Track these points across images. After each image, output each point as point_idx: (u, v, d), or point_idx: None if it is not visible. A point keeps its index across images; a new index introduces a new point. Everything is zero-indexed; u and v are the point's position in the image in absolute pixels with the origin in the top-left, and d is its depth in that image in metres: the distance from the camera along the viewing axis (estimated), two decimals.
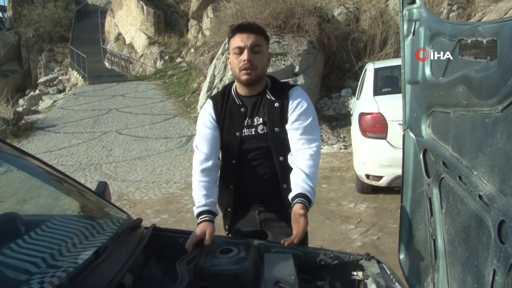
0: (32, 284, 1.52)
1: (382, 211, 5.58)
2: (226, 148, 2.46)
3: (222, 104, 2.46)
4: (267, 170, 2.42)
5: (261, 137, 2.38)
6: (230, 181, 2.47)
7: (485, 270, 1.39)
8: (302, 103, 2.39)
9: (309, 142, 2.34)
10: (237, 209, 2.54)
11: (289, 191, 2.28)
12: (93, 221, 2.15)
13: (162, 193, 7.27)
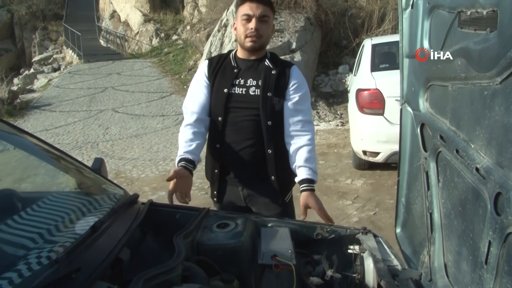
0: (30, 259, 1.52)
1: (379, 187, 5.60)
2: (214, 105, 2.49)
3: (217, 63, 2.54)
4: (252, 133, 2.45)
5: (251, 99, 2.42)
6: (217, 140, 2.49)
7: (481, 242, 1.40)
8: (303, 85, 2.49)
9: (308, 125, 2.45)
10: (223, 177, 2.58)
11: (274, 158, 2.42)
12: (89, 197, 2.14)
13: (159, 170, 7.28)
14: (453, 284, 1.64)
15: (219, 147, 2.49)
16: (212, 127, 2.51)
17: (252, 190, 2.55)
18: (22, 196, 2.15)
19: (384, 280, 1.73)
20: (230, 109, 2.44)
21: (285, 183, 2.55)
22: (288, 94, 2.45)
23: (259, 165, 2.47)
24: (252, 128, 2.44)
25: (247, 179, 2.54)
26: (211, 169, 2.61)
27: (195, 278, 1.69)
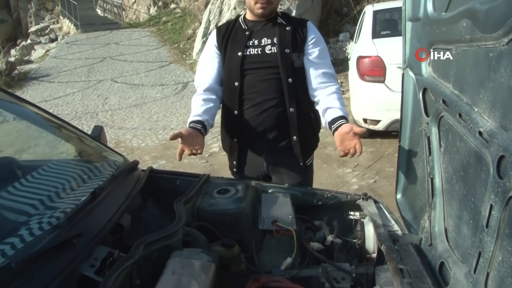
0: (31, 224, 1.52)
1: (379, 155, 5.60)
2: (228, 71, 2.41)
3: (226, 30, 2.47)
4: (273, 94, 2.37)
5: (268, 57, 2.35)
6: (234, 106, 2.41)
7: (482, 206, 1.39)
8: (321, 39, 2.43)
9: (333, 77, 2.40)
10: (243, 145, 2.51)
11: (297, 117, 2.35)
12: (89, 164, 2.14)
13: (159, 139, 7.28)
14: (453, 248, 1.65)
15: (237, 114, 2.40)
16: (228, 94, 2.43)
17: (276, 157, 2.48)
18: (22, 164, 2.14)
19: (385, 245, 1.74)
20: (246, 72, 2.37)
21: (308, 144, 2.50)
22: (307, 49, 2.38)
23: (282, 127, 2.40)
24: (273, 88, 2.36)
25: (270, 145, 2.46)
26: (229, 139, 2.53)
27: (196, 243, 1.70)
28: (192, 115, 2.34)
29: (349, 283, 1.89)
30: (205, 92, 2.41)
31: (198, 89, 2.46)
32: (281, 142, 2.44)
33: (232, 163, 2.57)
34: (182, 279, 1.39)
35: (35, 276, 1.29)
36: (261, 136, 2.44)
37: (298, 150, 2.43)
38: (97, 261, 1.47)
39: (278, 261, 2.00)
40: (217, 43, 2.45)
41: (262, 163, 2.50)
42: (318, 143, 2.63)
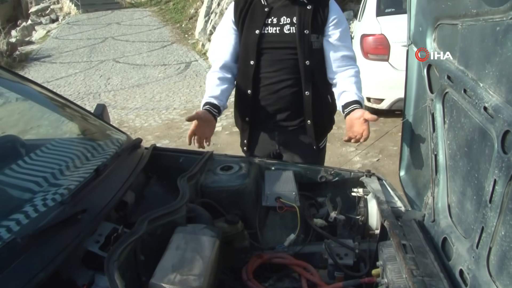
0: (36, 201, 1.53)
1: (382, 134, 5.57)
2: (244, 48, 2.35)
3: (245, 5, 2.38)
4: (288, 78, 2.33)
5: (286, 38, 2.28)
6: (248, 86, 2.36)
7: (486, 182, 1.39)
8: (343, 20, 2.35)
9: (352, 60, 2.34)
10: (255, 124, 2.48)
11: (312, 101, 2.31)
12: (92, 141, 2.13)
13: (162, 119, 7.28)
14: (456, 224, 1.65)
15: (251, 93, 2.36)
16: (243, 72, 2.38)
17: (288, 136, 2.45)
18: (25, 143, 2.14)
19: (388, 221, 1.74)
20: (263, 51, 2.30)
21: (322, 128, 2.47)
22: (327, 30, 2.30)
23: (296, 109, 2.37)
24: (289, 69, 2.31)
25: (283, 124, 2.43)
26: (241, 117, 2.49)
27: (199, 219, 1.71)
28: (207, 95, 2.31)
29: (352, 259, 1.90)
30: (221, 71, 2.37)
31: (214, 65, 2.42)
32: (294, 122, 2.41)
33: (243, 141, 2.55)
34: (186, 254, 1.40)
35: (40, 251, 1.30)
36: (273, 116, 2.40)
37: (312, 134, 2.41)
38: (101, 237, 1.48)
39: (281, 238, 2.02)
40: (234, 18, 2.38)
41: (274, 142, 2.48)
42: (333, 125, 2.61)
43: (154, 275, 1.32)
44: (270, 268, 1.97)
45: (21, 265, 1.24)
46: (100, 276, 1.38)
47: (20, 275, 1.21)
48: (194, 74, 10.23)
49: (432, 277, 1.47)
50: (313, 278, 1.82)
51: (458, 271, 1.49)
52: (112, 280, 1.20)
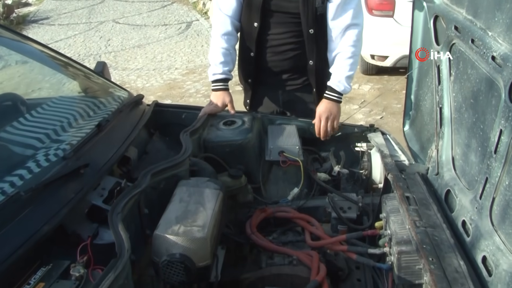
0: (38, 157, 1.53)
1: (386, 92, 5.54)
2: (248, 8, 2.25)
3: None
4: (292, 41, 2.27)
5: (291, 2, 2.18)
6: (251, 47, 2.31)
7: (491, 133, 1.37)
8: None
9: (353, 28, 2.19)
10: (258, 84, 2.45)
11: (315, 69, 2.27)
12: (94, 98, 2.11)
13: (164, 79, 7.23)
14: (460, 176, 1.65)
15: (254, 55, 2.31)
16: (246, 34, 2.30)
17: (292, 95, 2.42)
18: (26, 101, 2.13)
19: (391, 174, 1.74)
20: (267, 13, 2.22)
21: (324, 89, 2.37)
22: None
23: (300, 69, 2.33)
24: (293, 33, 2.24)
25: (286, 84, 2.39)
26: (244, 78, 2.46)
27: (203, 173, 1.71)
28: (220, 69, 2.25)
29: (356, 213, 1.91)
30: (229, 37, 2.28)
31: (220, 22, 2.29)
32: (297, 81, 2.38)
33: (246, 100, 2.53)
34: (190, 206, 1.41)
35: (44, 205, 1.30)
36: (277, 76, 2.37)
37: (316, 100, 2.35)
38: (104, 191, 1.49)
39: (285, 192, 2.03)
40: None
41: (278, 100, 2.45)
42: None
43: (158, 227, 1.33)
44: (274, 222, 1.99)
45: (26, 218, 1.25)
46: (104, 229, 1.39)
47: (25, 228, 1.22)
48: (196, 34, 10.07)
49: (434, 228, 1.47)
50: (317, 231, 1.84)
51: (460, 222, 1.50)
52: (116, 232, 1.21)
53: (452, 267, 1.32)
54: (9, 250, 1.13)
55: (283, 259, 1.72)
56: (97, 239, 1.37)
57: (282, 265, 1.69)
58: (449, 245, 1.41)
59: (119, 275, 1.09)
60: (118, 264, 1.10)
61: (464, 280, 1.27)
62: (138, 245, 1.44)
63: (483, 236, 1.34)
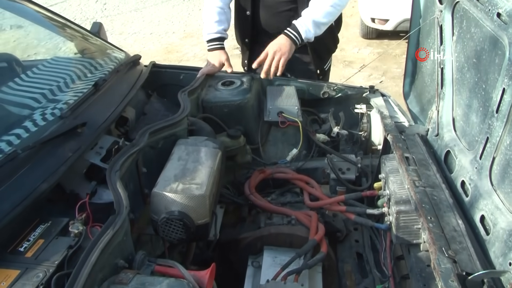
0: (35, 116, 1.51)
1: (386, 56, 5.47)
2: None
3: None
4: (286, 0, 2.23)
5: None
6: (246, 7, 2.29)
7: (493, 92, 1.36)
8: None
9: None
10: (255, 44, 2.41)
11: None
12: (90, 59, 2.08)
13: (161, 43, 7.14)
14: (460, 137, 1.64)
15: (249, 15, 2.29)
16: None
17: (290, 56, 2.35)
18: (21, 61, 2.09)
19: (391, 135, 1.73)
20: None
21: (322, 51, 2.41)
22: None
23: None
24: None
25: None
26: (241, 38, 2.45)
27: (201, 132, 1.69)
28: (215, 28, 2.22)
29: (354, 174, 1.91)
30: None
31: None
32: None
33: (244, 61, 2.51)
34: (188, 164, 1.40)
35: (42, 163, 1.30)
36: (274, 36, 2.27)
37: (311, 56, 2.34)
38: (102, 150, 1.48)
39: (283, 153, 2.02)
40: None
41: None
42: (337, 44, 2.51)
43: (156, 185, 1.33)
44: (272, 183, 1.99)
45: (24, 176, 1.24)
46: (103, 189, 1.38)
47: (23, 185, 1.21)
48: None
49: (434, 188, 1.47)
50: (315, 192, 1.84)
51: (459, 182, 1.50)
52: (115, 189, 1.20)
53: (450, 226, 1.32)
54: (7, 207, 1.13)
55: (282, 219, 1.73)
56: (95, 198, 1.37)
57: (280, 225, 1.70)
58: (448, 204, 1.41)
59: (118, 231, 1.09)
60: (117, 221, 1.10)
61: (462, 238, 1.28)
62: (137, 204, 1.45)
63: (482, 196, 1.34)
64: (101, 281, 1.03)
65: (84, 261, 0.99)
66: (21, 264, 1.06)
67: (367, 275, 1.78)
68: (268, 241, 1.66)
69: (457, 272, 1.15)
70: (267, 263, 1.60)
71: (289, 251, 1.61)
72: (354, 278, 1.78)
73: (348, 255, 1.86)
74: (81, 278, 0.95)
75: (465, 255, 1.23)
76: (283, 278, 1.47)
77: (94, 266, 0.99)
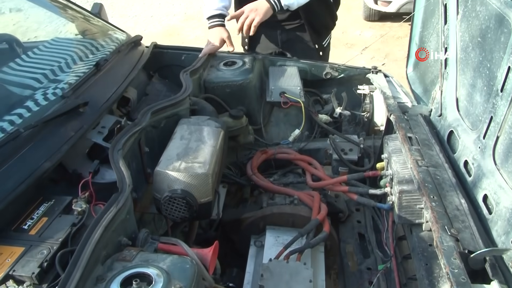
0: (36, 96, 1.50)
1: (389, 39, 5.42)
2: None
3: None
4: None
5: None
6: None
7: (498, 71, 1.35)
8: None
9: None
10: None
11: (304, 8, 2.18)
12: (91, 39, 2.06)
13: (162, 25, 7.09)
14: (463, 117, 1.63)
15: None
16: None
17: (290, 35, 2.38)
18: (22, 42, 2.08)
19: (394, 115, 1.72)
20: None
21: (319, 27, 2.39)
22: None
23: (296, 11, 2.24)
24: None
25: (284, 23, 2.34)
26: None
27: (203, 112, 1.69)
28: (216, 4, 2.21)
29: (357, 155, 1.91)
30: None
31: None
32: (295, 21, 2.33)
33: (244, 40, 2.49)
34: (191, 144, 1.40)
35: (45, 142, 1.29)
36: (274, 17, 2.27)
37: (310, 32, 2.33)
38: (105, 129, 1.47)
39: (285, 134, 2.02)
40: None
41: (276, 40, 2.41)
42: (335, 22, 2.49)
43: (159, 163, 1.33)
44: (274, 164, 1.99)
45: (26, 155, 1.24)
46: (105, 169, 1.38)
47: (26, 164, 1.21)
48: None
49: (436, 167, 1.47)
50: (318, 173, 1.84)
51: (463, 162, 1.50)
52: (117, 168, 1.20)
53: (453, 205, 1.33)
54: (11, 185, 1.13)
55: (284, 199, 1.73)
56: (98, 177, 1.37)
57: (283, 204, 1.70)
58: (451, 184, 1.41)
59: (121, 209, 1.09)
60: (120, 198, 1.11)
61: (464, 217, 1.28)
62: (139, 183, 1.45)
63: (485, 175, 1.34)
64: (104, 258, 1.03)
65: (88, 238, 0.99)
66: (25, 241, 1.07)
67: (369, 255, 1.79)
68: (271, 221, 1.66)
69: (460, 250, 1.16)
70: (270, 242, 1.61)
71: (292, 231, 1.62)
72: (356, 258, 1.79)
73: (350, 235, 1.87)
74: (85, 255, 0.95)
75: (467, 233, 1.23)
76: (286, 257, 1.48)
77: (97, 243, 0.99)
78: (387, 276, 1.67)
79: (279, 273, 1.40)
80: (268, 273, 1.40)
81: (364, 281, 1.68)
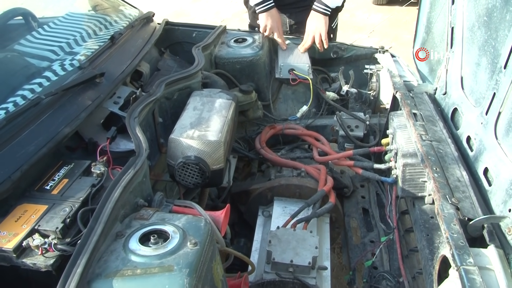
0: (54, 67, 1.55)
1: (396, 22, 5.41)
2: None
3: None
4: None
5: None
6: None
7: (502, 49, 1.38)
8: None
9: None
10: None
11: None
12: (104, 14, 2.10)
13: (171, 7, 7.06)
14: (467, 95, 1.67)
15: None
16: None
17: (299, 17, 2.37)
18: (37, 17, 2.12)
19: (400, 92, 1.76)
20: None
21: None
22: None
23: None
24: None
25: (293, 6, 2.36)
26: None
27: (215, 85, 1.73)
28: None
29: (363, 131, 1.96)
30: None
31: None
32: (305, 2, 2.32)
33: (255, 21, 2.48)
34: (204, 114, 1.45)
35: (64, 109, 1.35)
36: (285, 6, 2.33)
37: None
38: (120, 99, 1.53)
39: (293, 111, 2.06)
40: None
41: (285, 21, 2.42)
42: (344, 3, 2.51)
43: (173, 131, 1.38)
44: (282, 140, 2.04)
45: (47, 120, 1.30)
46: (120, 138, 1.44)
47: (47, 129, 1.27)
48: None
49: (440, 142, 1.52)
50: (324, 148, 1.89)
51: (465, 138, 1.54)
52: (134, 134, 1.25)
53: (454, 177, 1.38)
54: (33, 149, 1.19)
55: (292, 171, 1.78)
56: (113, 146, 1.41)
57: (290, 176, 1.76)
58: (453, 157, 1.46)
59: (138, 171, 1.14)
60: (138, 161, 1.16)
61: (465, 188, 1.34)
62: (153, 153, 1.51)
63: (486, 150, 1.38)
64: (122, 217, 1.09)
65: (107, 197, 1.05)
66: (48, 200, 1.13)
67: (372, 229, 1.85)
68: (278, 192, 1.72)
69: (459, 218, 1.21)
70: (277, 212, 1.67)
71: (299, 202, 1.68)
72: (360, 232, 1.85)
73: (355, 210, 1.92)
74: (105, 213, 1.01)
75: (467, 203, 1.28)
76: (293, 225, 1.54)
77: (116, 202, 1.04)
78: (389, 248, 1.73)
79: (286, 240, 1.46)
80: (276, 239, 1.46)
81: (367, 252, 1.74)
